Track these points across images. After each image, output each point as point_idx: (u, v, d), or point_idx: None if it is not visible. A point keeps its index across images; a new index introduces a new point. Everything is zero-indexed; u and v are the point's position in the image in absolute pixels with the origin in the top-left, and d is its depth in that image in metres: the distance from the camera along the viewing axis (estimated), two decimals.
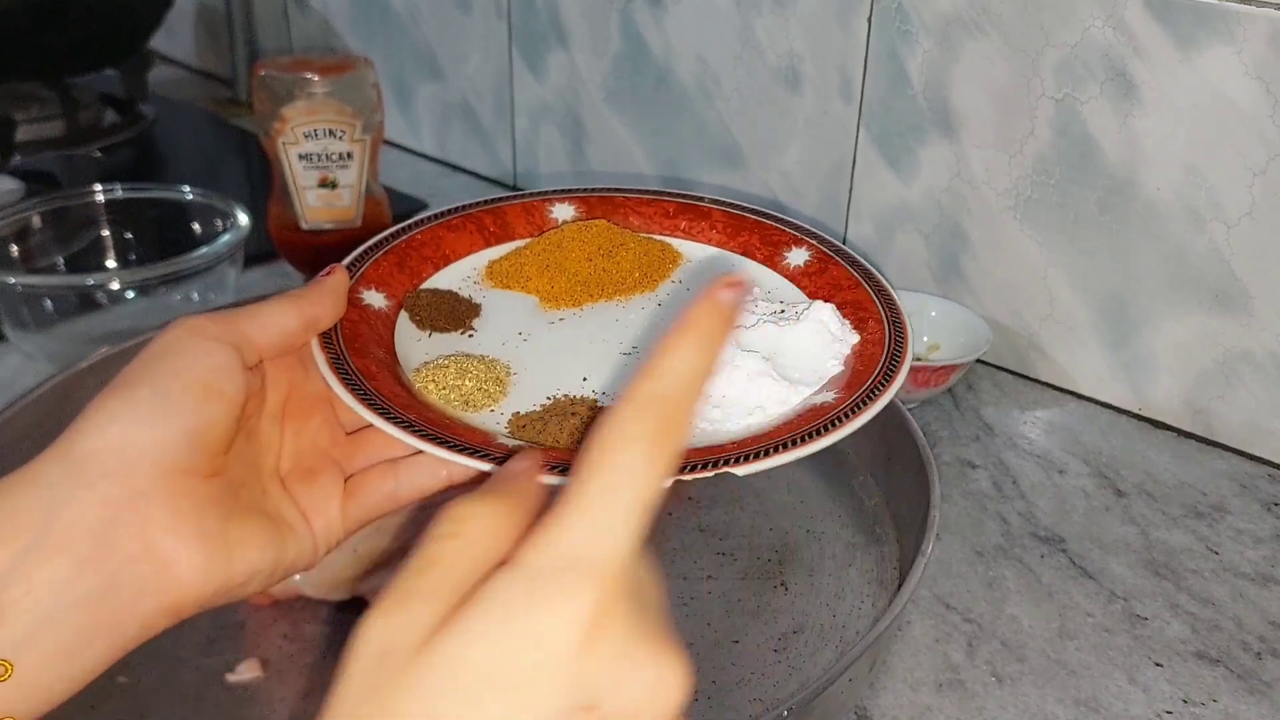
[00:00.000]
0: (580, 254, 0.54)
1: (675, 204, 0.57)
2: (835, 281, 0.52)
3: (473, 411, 0.45)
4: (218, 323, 0.39)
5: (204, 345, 0.38)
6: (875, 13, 0.79)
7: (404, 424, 0.40)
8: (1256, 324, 0.69)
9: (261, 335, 0.40)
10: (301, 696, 0.49)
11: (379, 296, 0.50)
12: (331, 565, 0.53)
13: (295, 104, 0.84)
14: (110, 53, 1.20)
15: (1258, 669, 0.55)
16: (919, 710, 0.51)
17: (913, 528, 0.55)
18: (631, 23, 0.94)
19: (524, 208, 0.57)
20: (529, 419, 0.44)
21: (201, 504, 0.36)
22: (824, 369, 0.46)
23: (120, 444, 0.35)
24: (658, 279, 0.54)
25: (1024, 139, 0.75)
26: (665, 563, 0.57)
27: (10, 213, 0.79)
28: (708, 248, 0.56)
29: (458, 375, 0.46)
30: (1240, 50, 0.64)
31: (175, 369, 0.37)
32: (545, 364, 0.48)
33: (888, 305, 0.49)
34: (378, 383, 0.43)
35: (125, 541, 0.34)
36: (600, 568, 0.26)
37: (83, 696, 0.48)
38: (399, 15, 1.15)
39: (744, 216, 0.56)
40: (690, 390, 0.28)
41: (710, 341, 0.29)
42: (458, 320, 0.51)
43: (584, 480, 0.27)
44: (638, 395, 0.28)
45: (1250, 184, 0.66)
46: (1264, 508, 0.67)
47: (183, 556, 0.35)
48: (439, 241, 0.55)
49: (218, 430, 0.37)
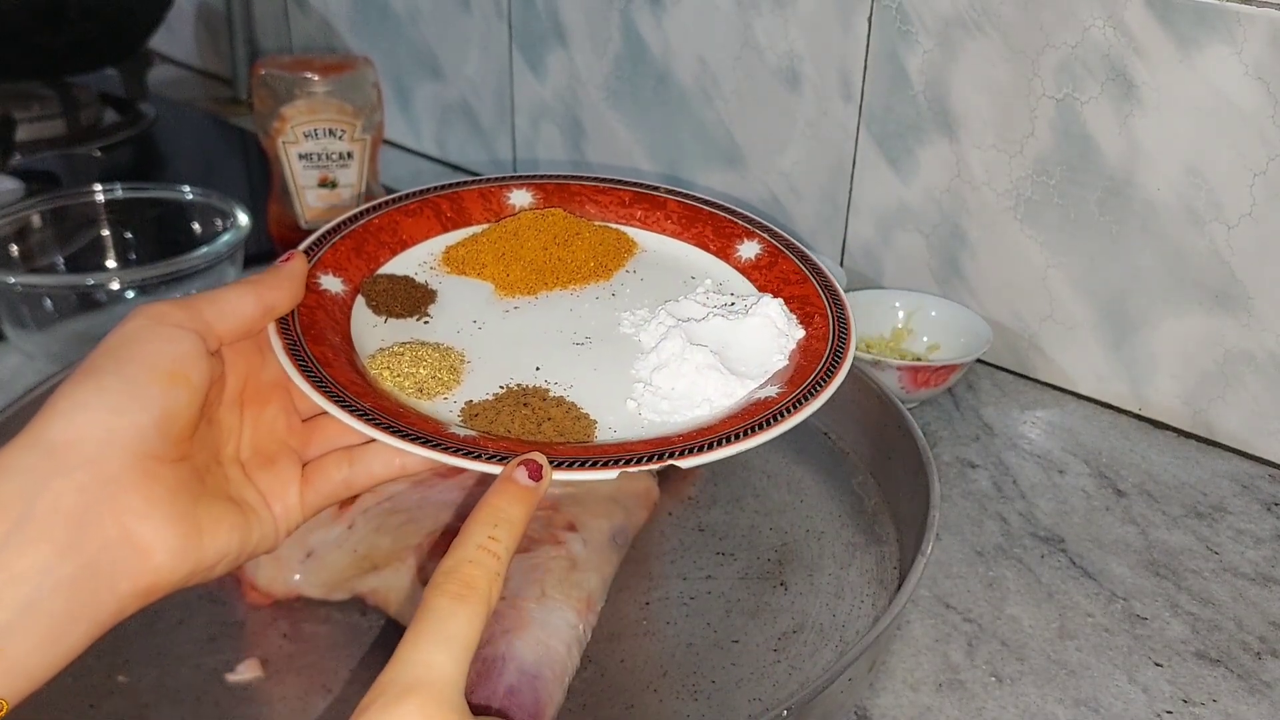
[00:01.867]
0: (536, 242, 0.54)
1: (631, 193, 0.57)
2: (784, 276, 0.52)
3: (426, 399, 0.45)
4: (180, 309, 0.40)
5: (167, 332, 0.39)
6: (875, 13, 0.79)
7: (357, 412, 0.41)
8: (1256, 324, 0.69)
9: (221, 321, 0.41)
10: (301, 696, 0.49)
11: (336, 281, 0.50)
12: (331, 565, 0.53)
13: (295, 103, 0.84)
14: (110, 52, 1.20)
15: (1258, 669, 0.55)
16: (919, 710, 0.51)
17: (913, 528, 0.55)
18: (631, 23, 0.94)
19: (481, 194, 0.57)
20: (482, 408, 0.44)
21: (172, 488, 0.37)
22: (770, 363, 0.47)
23: (91, 432, 0.36)
24: (612, 268, 0.54)
25: (1024, 139, 0.75)
26: (665, 563, 0.57)
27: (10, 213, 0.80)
28: (663, 238, 0.56)
29: (412, 363, 0.46)
30: (1240, 50, 0.64)
31: (140, 357, 0.38)
32: (499, 352, 0.48)
33: (834, 301, 0.50)
34: (333, 370, 0.43)
35: (102, 527, 0.35)
36: (417, 687, 0.32)
37: (83, 696, 0.48)
38: (399, 15, 1.15)
39: (699, 208, 0.56)
40: (481, 558, 0.35)
41: (501, 516, 0.36)
42: (413, 307, 0.51)
43: (408, 631, 0.34)
44: (442, 567, 0.35)
45: (1250, 184, 0.66)
46: (1264, 508, 0.67)
47: (158, 540, 0.37)
48: (396, 226, 0.55)
49: (184, 416, 0.38)
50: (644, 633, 0.53)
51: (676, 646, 0.52)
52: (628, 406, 0.45)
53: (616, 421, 0.44)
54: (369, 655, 0.51)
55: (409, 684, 0.32)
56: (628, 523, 0.56)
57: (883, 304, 0.80)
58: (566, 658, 0.48)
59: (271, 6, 1.31)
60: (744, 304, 0.50)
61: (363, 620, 0.53)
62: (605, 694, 0.49)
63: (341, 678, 0.50)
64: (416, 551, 0.53)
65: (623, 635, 0.52)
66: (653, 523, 0.59)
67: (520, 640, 0.47)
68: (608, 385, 0.46)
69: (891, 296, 0.80)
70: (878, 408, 0.63)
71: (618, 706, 0.49)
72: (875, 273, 0.86)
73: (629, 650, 0.52)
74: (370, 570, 0.53)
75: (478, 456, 0.39)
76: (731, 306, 0.50)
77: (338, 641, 0.52)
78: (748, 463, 0.65)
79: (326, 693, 0.49)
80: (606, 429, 0.44)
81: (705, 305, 0.50)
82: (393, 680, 0.32)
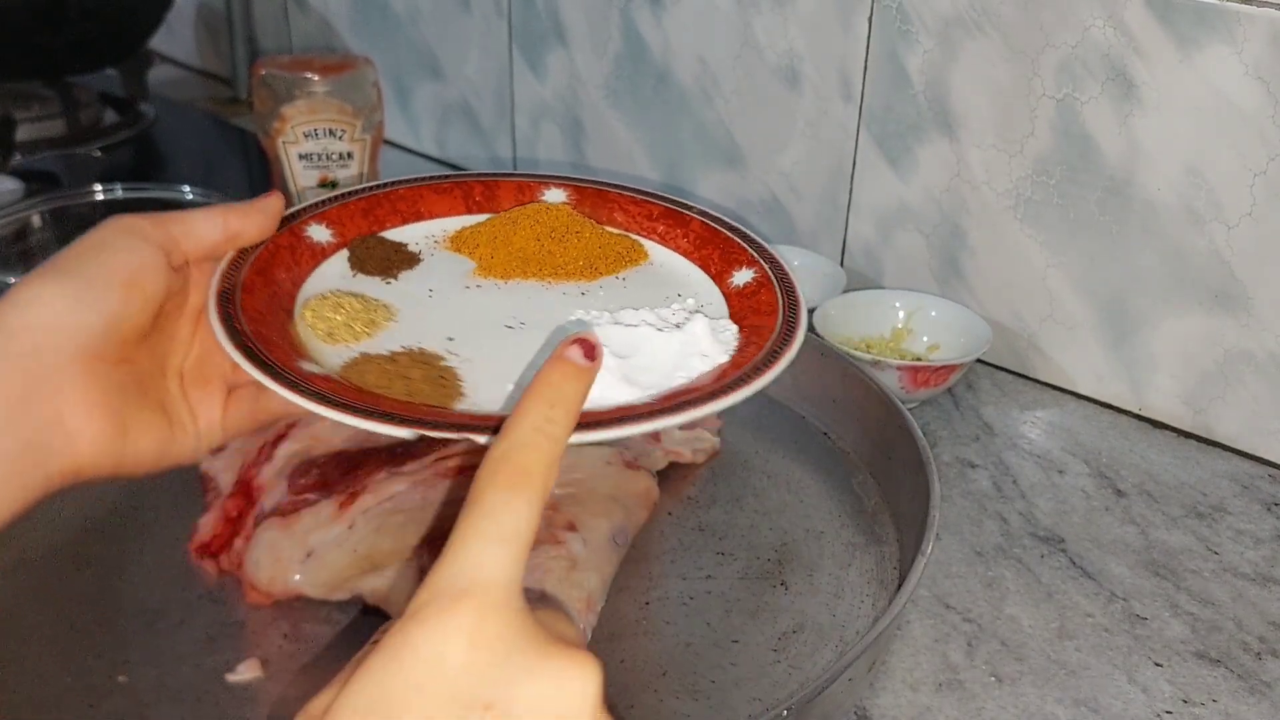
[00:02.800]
0: (531, 232, 0.54)
1: (661, 208, 0.57)
2: (758, 306, 0.51)
3: (333, 344, 0.46)
4: (150, 224, 0.43)
5: (132, 243, 0.42)
6: (875, 13, 0.79)
7: (243, 348, 0.42)
8: (1256, 324, 0.69)
9: (186, 239, 0.45)
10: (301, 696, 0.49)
11: (326, 233, 0.52)
12: (332, 565, 0.53)
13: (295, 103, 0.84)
14: (110, 52, 1.20)
15: (1258, 669, 0.55)
16: (919, 710, 0.51)
17: (913, 527, 0.55)
18: (631, 22, 0.95)
19: (518, 186, 0.58)
20: (365, 359, 0.45)
21: (108, 388, 0.41)
22: (671, 380, 0.45)
23: (44, 324, 0.39)
24: (602, 271, 0.53)
25: (1024, 139, 0.75)
26: (665, 562, 0.57)
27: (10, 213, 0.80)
28: (675, 254, 0.56)
29: (333, 308, 0.48)
30: (1240, 50, 0.64)
31: (103, 262, 0.41)
32: (426, 319, 0.49)
33: (780, 341, 0.47)
34: (253, 311, 0.45)
35: (40, 411, 0.39)
36: (471, 589, 0.30)
37: (83, 696, 0.48)
38: (399, 15, 1.15)
39: (717, 230, 0.55)
40: (537, 442, 0.33)
41: (557, 395, 0.34)
42: (386, 268, 0.52)
43: (457, 526, 0.31)
44: (493, 453, 0.32)
45: (1250, 184, 0.66)
46: (1264, 508, 0.67)
47: (86, 432, 0.40)
48: (418, 198, 0.55)
49: (133, 323, 0.42)
50: (644, 632, 0.53)
51: (676, 646, 0.52)
52: (505, 388, 0.44)
53: (487, 399, 0.44)
54: None
55: (465, 586, 0.30)
56: (628, 523, 0.56)
57: (883, 304, 0.80)
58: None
59: (271, 6, 1.31)
60: (676, 319, 0.48)
61: (363, 620, 0.53)
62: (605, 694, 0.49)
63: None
64: (417, 551, 0.53)
65: (623, 635, 0.52)
66: (653, 523, 0.59)
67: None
68: (504, 366, 0.46)
69: (891, 296, 0.80)
70: (878, 408, 0.63)
71: (618, 706, 0.49)
72: (875, 273, 0.86)
73: (629, 650, 0.52)
74: (370, 570, 0.53)
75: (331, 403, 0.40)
76: (666, 319, 0.48)
77: (338, 641, 0.52)
78: (748, 462, 0.65)
79: None
80: (472, 404, 0.43)
81: (648, 316, 0.48)
82: (447, 581, 0.30)
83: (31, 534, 0.58)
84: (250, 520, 0.55)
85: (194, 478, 0.59)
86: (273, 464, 0.57)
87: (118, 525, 0.59)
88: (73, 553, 0.57)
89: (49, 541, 0.57)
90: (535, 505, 0.32)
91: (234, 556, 0.55)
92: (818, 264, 0.85)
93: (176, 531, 0.57)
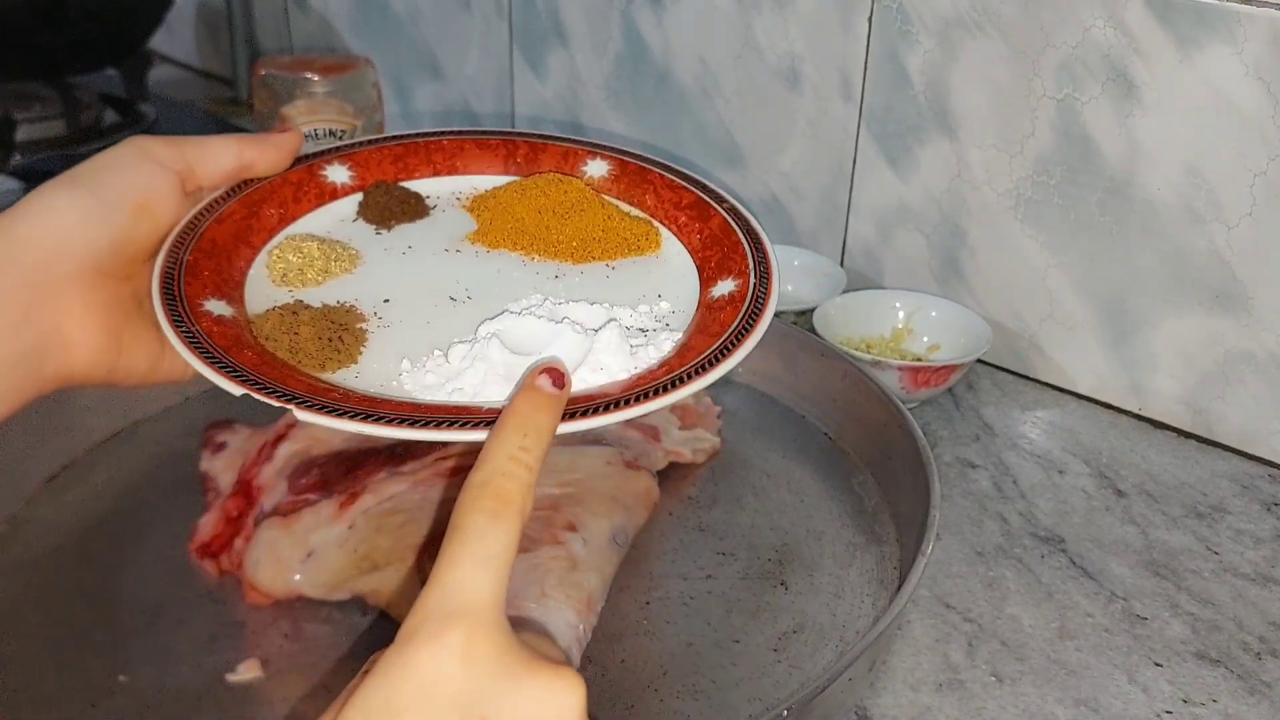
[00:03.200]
0: (534, 205, 0.53)
1: (692, 196, 0.54)
2: (710, 324, 0.47)
3: (284, 286, 0.47)
4: (167, 147, 0.45)
5: (149, 167, 0.44)
6: (875, 13, 0.79)
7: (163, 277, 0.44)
8: (1256, 324, 0.69)
9: (201, 165, 0.46)
10: (301, 696, 0.49)
11: (345, 174, 0.52)
12: (332, 565, 0.53)
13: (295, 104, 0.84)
14: (110, 53, 1.20)
15: (1258, 669, 0.55)
16: (919, 710, 0.51)
17: (913, 528, 0.55)
18: (632, 22, 0.95)
19: (563, 152, 0.56)
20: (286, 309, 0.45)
21: (109, 303, 0.43)
22: None
23: (53, 234, 0.41)
24: (594, 256, 0.51)
25: (1024, 139, 0.75)
26: (665, 562, 0.57)
27: None
28: (684, 251, 0.53)
29: (294, 251, 0.48)
30: (1240, 50, 0.64)
31: (117, 181, 0.43)
32: (380, 277, 0.49)
33: (706, 366, 0.43)
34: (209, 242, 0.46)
35: (41, 319, 0.41)
36: (461, 611, 0.31)
37: (83, 696, 0.48)
38: (399, 15, 1.15)
39: (731, 232, 0.53)
40: (513, 469, 0.34)
41: (529, 424, 0.35)
42: (384, 218, 0.52)
43: (443, 552, 0.33)
44: (473, 480, 0.34)
45: (1250, 184, 0.66)
46: (1264, 508, 0.67)
47: (83, 342, 0.42)
48: (458, 151, 0.55)
49: (140, 244, 0.43)
50: (644, 632, 0.53)
51: (677, 646, 0.52)
52: (401, 364, 0.43)
53: (376, 370, 0.43)
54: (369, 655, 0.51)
55: (453, 609, 0.31)
56: (628, 523, 0.56)
57: (883, 304, 0.80)
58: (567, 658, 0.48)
59: (271, 6, 1.31)
60: (597, 324, 0.46)
61: (363, 620, 0.53)
62: (606, 694, 0.49)
63: (341, 678, 0.50)
64: (417, 551, 0.53)
65: (623, 635, 0.52)
66: (653, 523, 0.59)
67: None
68: (417, 340, 0.45)
69: (892, 296, 0.80)
70: (878, 408, 0.63)
71: (618, 706, 0.49)
72: (875, 273, 0.86)
73: (629, 650, 0.52)
74: (371, 570, 0.53)
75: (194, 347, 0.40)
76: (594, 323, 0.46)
77: (338, 641, 0.52)
78: (748, 462, 0.65)
79: (326, 693, 0.49)
80: (357, 373, 0.43)
81: (587, 315, 0.46)
82: (436, 605, 0.32)
83: (31, 534, 0.58)
84: (250, 520, 0.55)
85: (194, 478, 0.59)
86: (273, 464, 0.57)
87: (118, 525, 0.59)
88: (73, 553, 0.57)
89: (49, 541, 0.58)
90: (515, 529, 0.33)
91: (234, 556, 0.55)
92: (818, 264, 0.85)
93: (176, 531, 0.57)
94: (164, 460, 0.64)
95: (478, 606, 0.32)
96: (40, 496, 0.61)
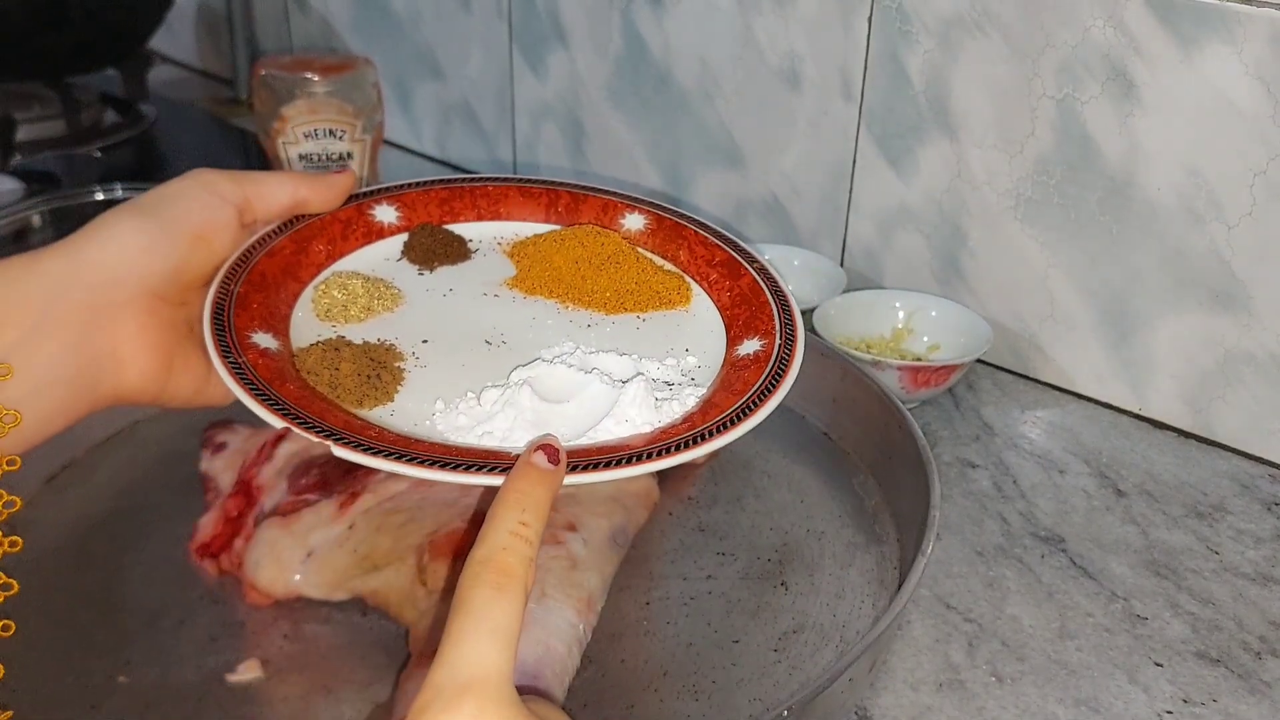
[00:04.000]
0: (572, 255, 0.54)
1: (724, 254, 0.56)
2: (736, 383, 0.48)
3: (328, 321, 0.49)
4: (228, 181, 0.47)
5: (209, 200, 0.46)
6: (875, 13, 0.79)
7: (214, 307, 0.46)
8: (1256, 324, 0.69)
9: (259, 201, 0.49)
10: (301, 696, 0.49)
11: (393, 214, 0.54)
12: (332, 565, 0.53)
13: (295, 104, 0.84)
14: (110, 53, 1.20)
15: (1258, 669, 0.55)
16: (919, 710, 0.51)
17: (913, 528, 0.55)
18: (632, 23, 0.95)
19: (603, 205, 0.58)
20: (329, 344, 0.47)
21: (163, 327, 0.44)
22: (581, 436, 0.45)
23: (117, 260, 0.43)
24: (628, 308, 0.53)
25: (1024, 139, 0.75)
26: (665, 562, 0.57)
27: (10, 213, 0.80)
28: (711, 307, 0.55)
29: (339, 288, 0.50)
30: (1240, 50, 0.64)
31: (180, 214, 0.45)
32: (421, 318, 0.50)
33: (728, 424, 0.45)
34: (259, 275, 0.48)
35: (99, 340, 0.43)
36: (471, 685, 0.32)
37: (83, 696, 0.48)
38: (399, 15, 1.15)
39: (760, 291, 0.54)
40: (514, 544, 0.35)
41: (527, 500, 0.36)
42: (428, 259, 0.53)
43: (449, 627, 0.34)
44: (475, 557, 0.35)
45: (1250, 184, 0.66)
46: (1264, 508, 0.67)
47: (135, 364, 0.44)
48: (502, 198, 0.56)
49: (196, 272, 0.46)
50: (644, 633, 0.53)
51: (677, 646, 0.52)
52: (435, 405, 0.46)
53: (411, 410, 0.45)
54: (369, 655, 0.51)
55: (464, 683, 0.32)
56: (628, 523, 0.56)
57: (883, 304, 0.80)
58: (567, 658, 0.48)
59: (271, 6, 1.31)
60: (626, 376, 0.47)
61: (363, 620, 0.53)
62: (606, 694, 0.49)
63: (341, 678, 0.50)
64: (417, 551, 0.52)
65: (623, 635, 0.52)
66: (653, 523, 0.59)
67: (520, 640, 0.47)
68: (455, 382, 0.46)
69: (891, 296, 0.80)
70: (878, 408, 0.63)
71: (618, 706, 0.49)
72: (875, 273, 0.86)
73: (629, 650, 0.52)
74: (371, 570, 0.53)
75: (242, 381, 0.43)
76: (623, 375, 0.47)
77: (338, 641, 0.52)
78: (748, 462, 0.65)
79: (326, 693, 0.49)
80: (389, 412, 0.45)
81: (617, 366, 0.48)
82: (447, 679, 0.32)
83: (32, 534, 0.58)
84: (250, 520, 0.55)
85: (194, 478, 0.59)
86: (273, 464, 0.57)
87: (118, 525, 0.59)
88: (73, 553, 0.57)
89: (49, 541, 0.57)
90: (520, 602, 0.34)
91: (234, 556, 0.55)
92: (818, 264, 0.85)
93: (176, 531, 0.57)
94: (164, 460, 0.64)
95: (487, 680, 0.32)
96: (40, 496, 0.61)
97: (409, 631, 0.50)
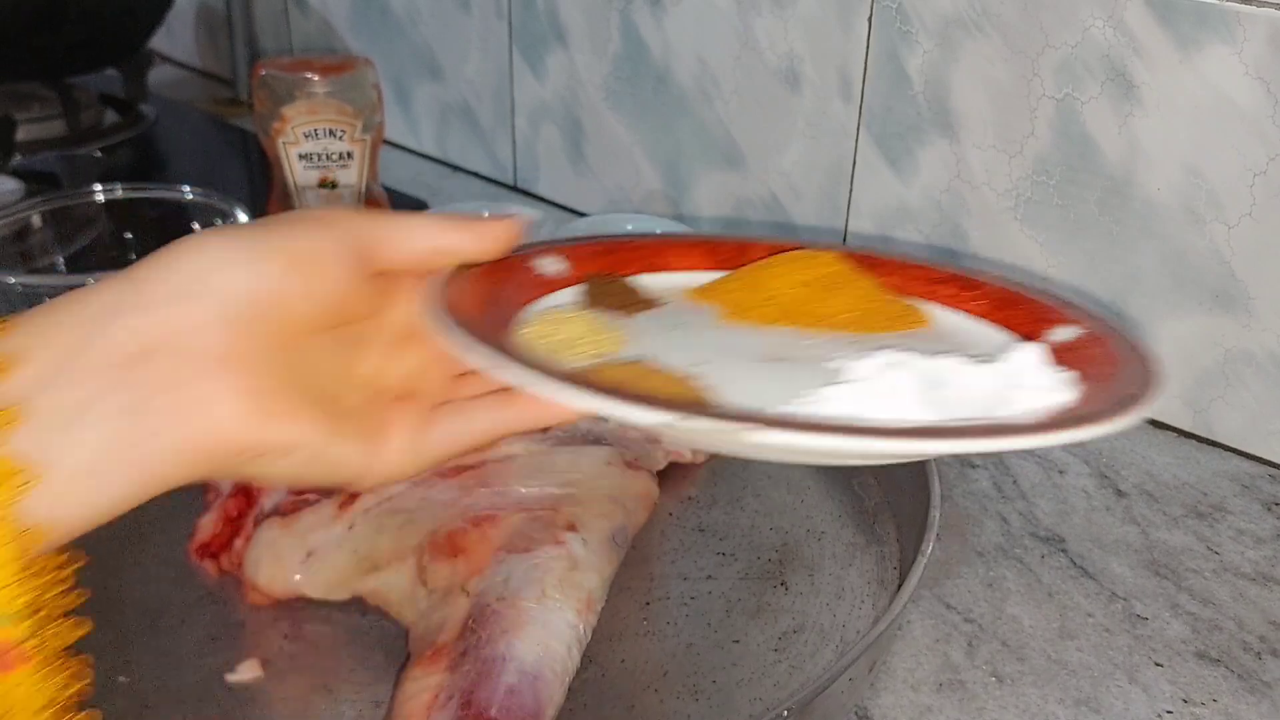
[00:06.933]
0: (790, 279, 0.47)
1: (943, 274, 0.51)
2: (1091, 358, 0.43)
3: (569, 355, 0.42)
4: (353, 216, 0.39)
5: (319, 230, 0.38)
6: (875, 13, 0.79)
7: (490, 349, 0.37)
8: (1256, 324, 0.69)
9: (389, 243, 0.40)
10: (301, 696, 0.49)
11: (558, 265, 0.47)
12: (332, 565, 0.53)
13: (295, 104, 0.84)
14: (110, 53, 1.20)
15: (1258, 669, 0.55)
16: (919, 710, 0.51)
17: (913, 528, 0.55)
18: (631, 23, 0.95)
19: (768, 249, 0.51)
20: (599, 369, 0.40)
21: (253, 364, 0.36)
22: (994, 414, 0.38)
23: (188, 276, 0.36)
24: (875, 328, 0.46)
25: (1024, 139, 0.75)
26: (665, 563, 0.57)
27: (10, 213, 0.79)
28: (963, 317, 0.49)
29: (554, 327, 0.43)
30: (1240, 50, 0.64)
31: (277, 235, 0.38)
32: (668, 349, 0.42)
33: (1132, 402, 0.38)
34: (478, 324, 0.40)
35: (162, 366, 0.34)
36: None
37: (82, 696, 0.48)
38: (399, 15, 1.15)
39: (1021, 294, 0.49)
40: None
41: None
42: (624, 305, 0.47)
43: None
44: None
45: (1250, 184, 0.66)
46: (1264, 508, 0.67)
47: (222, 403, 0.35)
48: (661, 250, 0.51)
49: (295, 309, 0.37)
50: (644, 633, 0.53)
51: (677, 646, 0.52)
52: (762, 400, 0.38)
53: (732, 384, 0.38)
54: (369, 655, 0.51)
55: None
56: (628, 523, 0.56)
57: None
58: (567, 658, 0.48)
59: (271, 7, 1.31)
60: (988, 352, 0.41)
61: (363, 620, 0.53)
62: (606, 694, 0.49)
63: (341, 678, 0.50)
64: (417, 551, 0.53)
65: (623, 635, 0.52)
66: (653, 523, 0.59)
67: (520, 640, 0.47)
68: (764, 391, 0.39)
69: None
70: None
71: (618, 707, 0.49)
72: None
73: (629, 650, 0.52)
74: (371, 570, 0.53)
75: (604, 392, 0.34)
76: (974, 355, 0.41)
77: (338, 641, 0.52)
78: (748, 462, 0.65)
79: (326, 693, 0.49)
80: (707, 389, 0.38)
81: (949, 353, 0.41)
82: None
83: None
84: (250, 520, 0.55)
85: None
86: None
87: (118, 525, 0.59)
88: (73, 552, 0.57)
89: None
90: None
91: (234, 556, 0.55)
92: None
93: (176, 531, 0.57)
94: None
95: None
96: None
97: (409, 631, 0.50)
